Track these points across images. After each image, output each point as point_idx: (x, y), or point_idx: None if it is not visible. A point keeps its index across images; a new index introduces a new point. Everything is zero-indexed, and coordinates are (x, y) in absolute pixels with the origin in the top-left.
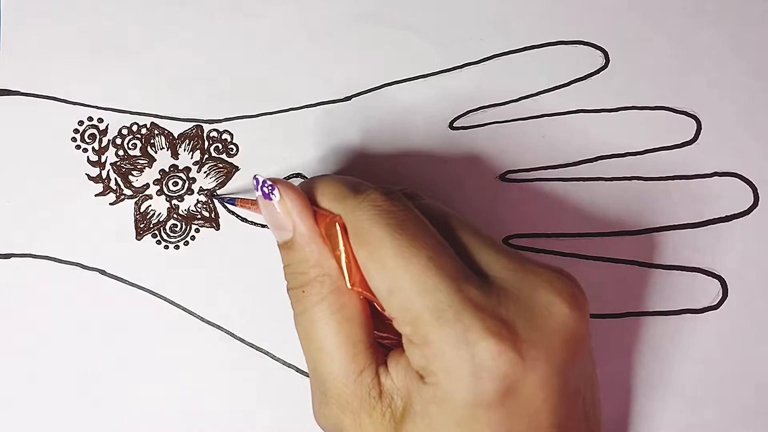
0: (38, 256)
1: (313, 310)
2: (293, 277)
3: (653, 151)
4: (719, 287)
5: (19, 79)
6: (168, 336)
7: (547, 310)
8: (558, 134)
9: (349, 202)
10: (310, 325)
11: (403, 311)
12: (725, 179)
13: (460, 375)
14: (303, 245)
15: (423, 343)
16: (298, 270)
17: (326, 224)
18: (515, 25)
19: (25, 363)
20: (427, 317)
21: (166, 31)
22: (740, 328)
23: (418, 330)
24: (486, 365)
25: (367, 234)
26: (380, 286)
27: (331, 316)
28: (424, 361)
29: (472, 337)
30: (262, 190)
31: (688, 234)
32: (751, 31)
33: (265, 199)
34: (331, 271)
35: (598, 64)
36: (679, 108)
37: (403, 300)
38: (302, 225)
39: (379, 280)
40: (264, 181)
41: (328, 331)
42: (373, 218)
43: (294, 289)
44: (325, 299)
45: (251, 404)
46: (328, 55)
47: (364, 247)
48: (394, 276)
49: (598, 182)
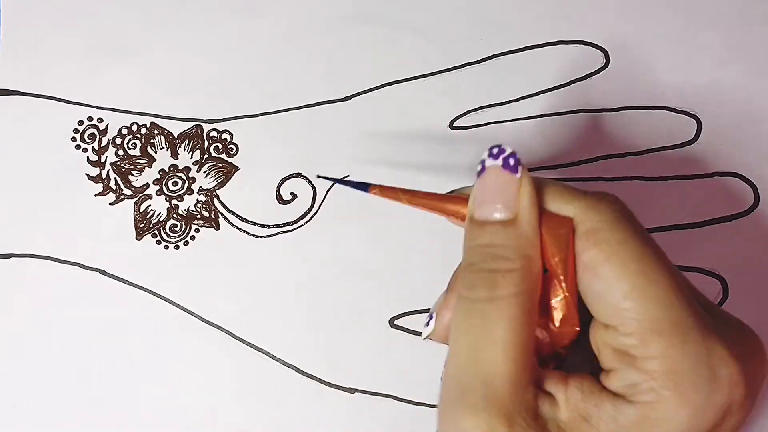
0: (38, 256)
1: (506, 300)
2: (491, 257)
3: (653, 151)
4: (719, 287)
5: (19, 79)
6: (168, 336)
7: (758, 357)
8: (558, 134)
9: (581, 201)
10: (495, 315)
11: (635, 319)
12: (725, 179)
13: (693, 397)
14: (523, 232)
15: (650, 356)
16: (503, 254)
17: (552, 225)
18: (515, 25)
19: (25, 363)
20: (668, 330)
21: (166, 31)
22: None
23: (648, 342)
24: (723, 392)
25: (607, 233)
26: (613, 289)
27: (521, 315)
28: (642, 377)
29: (716, 361)
30: (506, 160)
31: (688, 234)
32: (751, 31)
33: (504, 170)
34: (535, 270)
35: (598, 64)
36: (679, 108)
37: (639, 307)
38: (533, 213)
39: (614, 282)
40: (512, 152)
41: (513, 328)
42: (615, 219)
43: (486, 271)
44: (522, 295)
45: (251, 404)
46: (328, 55)
47: (601, 247)
48: (636, 281)
49: (598, 182)
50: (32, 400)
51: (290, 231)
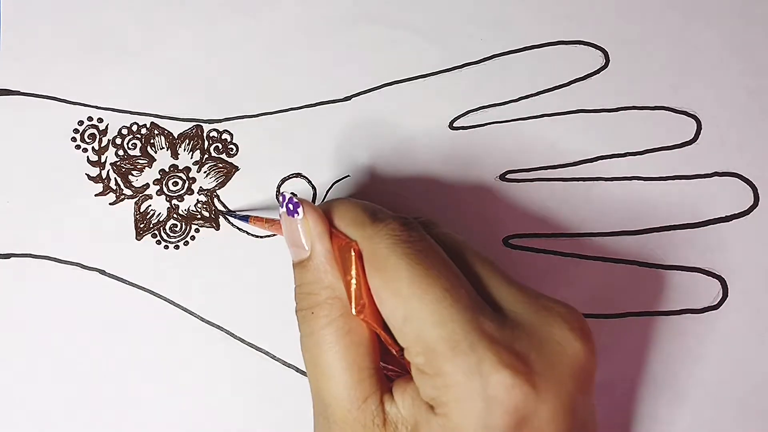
0: (38, 256)
1: (321, 332)
2: (303, 297)
3: (653, 151)
4: (719, 287)
5: (19, 79)
6: (168, 336)
7: (559, 345)
8: (558, 134)
9: (367, 229)
10: (317, 348)
11: (417, 341)
12: (725, 179)
13: (472, 406)
14: (318, 266)
15: (435, 373)
16: (310, 291)
17: (341, 247)
18: (515, 25)
19: (25, 363)
20: (442, 348)
21: (166, 31)
22: (740, 328)
23: (431, 360)
24: (499, 397)
25: (383, 261)
26: (394, 314)
27: (338, 340)
28: (436, 392)
29: (486, 369)
30: (287, 206)
31: (688, 234)
32: (751, 31)
33: (288, 216)
34: (342, 295)
35: (598, 64)
36: (679, 108)
37: (417, 329)
38: (320, 246)
39: (393, 308)
40: (290, 198)
41: (335, 355)
42: (390, 247)
43: (303, 310)
44: (334, 322)
45: (251, 404)
46: (328, 55)
47: (379, 275)
48: (409, 305)
49: (598, 182)
50: (32, 400)
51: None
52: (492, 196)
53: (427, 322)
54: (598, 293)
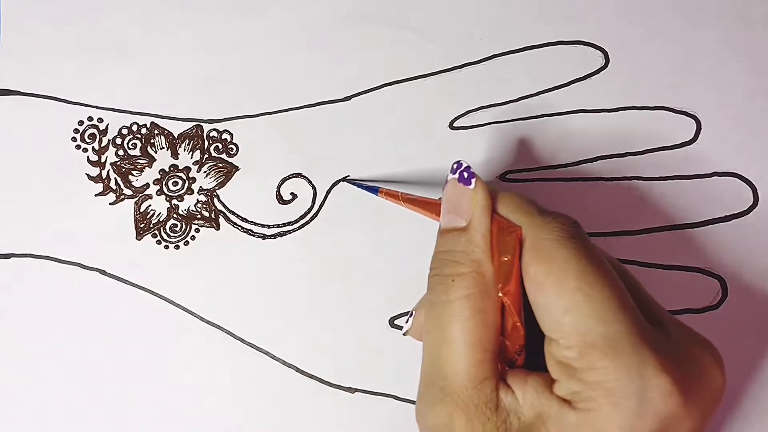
0: (38, 256)
1: (457, 303)
2: (446, 263)
3: (653, 151)
4: (719, 287)
5: (19, 79)
6: (168, 336)
7: (706, 370)
8: (558, 134)
9: (535, 218)
10: (448, 317)
11: (574, 334)
12: (725, 179)
13: (625, 405)
14: (472, 238)
15: (588, 368)
16: (455, 258)
17: (501, 230)
18: (515, 25)
19: (25, 363)
20: (602, 344)
21: (166, 31)
22: (740, 328)
23: (585, 355)
24: (654, 401)
25: (552, 252)
26: (555, 305)
27: (472, 315)
28: (582, 387)
29: (648, 372)
30: (461, 174)
31: (688, 234)
32: (751, 31)
33: (459, 182)
34: (486, 272)
35: (598, 64)
36: (679, 108)
37: (577, 323)
38: (482, 220)
39: (555, 297)
40: (467, 167)
41: (465, 329)
42: (560, 240)
43: (442, 276)
44: (472, 296)
45: (251, 404)
46: (328, 55)
47: (545, 264)
48: (574, 298)
49: (598, 182)
50: (32, 400)
51: (290, 231)
52: None
53: (591, 316)
54: None
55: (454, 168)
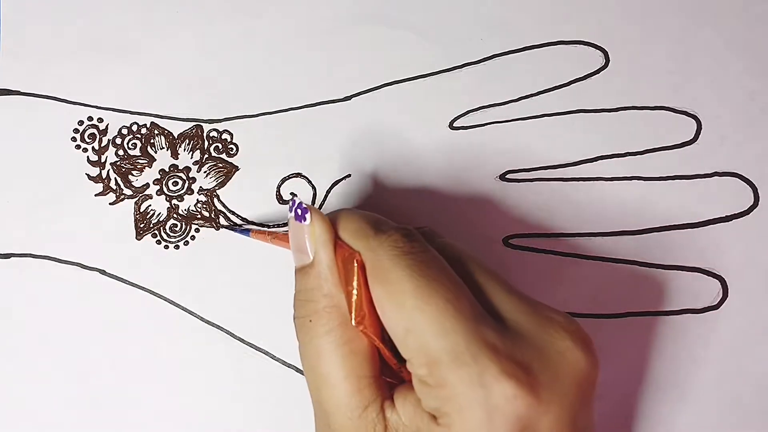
0: (38, 256)
1: (319, 341)
2: (302, 304)
3: (653, 151)
4: (719, 287)
5: (19, 79)
6: (168, 336)
7: (561, 354)
8: (558, 134)
9: (370, 241)
10: (316, 356)
11: (419, 352)
12: (725, 179)
13: (474, 416)
14: (319, 273)
15: (438, 384)
16: (309, 297)
17: (344, 258)
18: (515, 25)
19: (25, 363)
20: (444, 359)
21: (166, 31)
22: (740, 328)
23: (433, 371)
24: (501, 407)
25: (386, 273)
26: (397, 326)
27: (336, 349)
28: (438, 402)
29: (488, 379)
30: (296, 211)
31: (688, 234)
32: (751, 31)
33: (296, 221)
34: (341, 304)
35: (598, 64)
36: (679, 108)
37: (419, 341)
38: (324, 254)
39: (396, 319)
40: (300, 203)
41: (333, 364)
42: (393, 258)
43: (301, 318)
44: (333, 331)
45: (251, 404)
46: (328, 55)
47: (382, 286)
48: (411, 316)
49: (598, 182)
50: (32, 400)
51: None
52: (492, 196)
53: (429, 333)
54: (598, 293)
55: (290, 206)
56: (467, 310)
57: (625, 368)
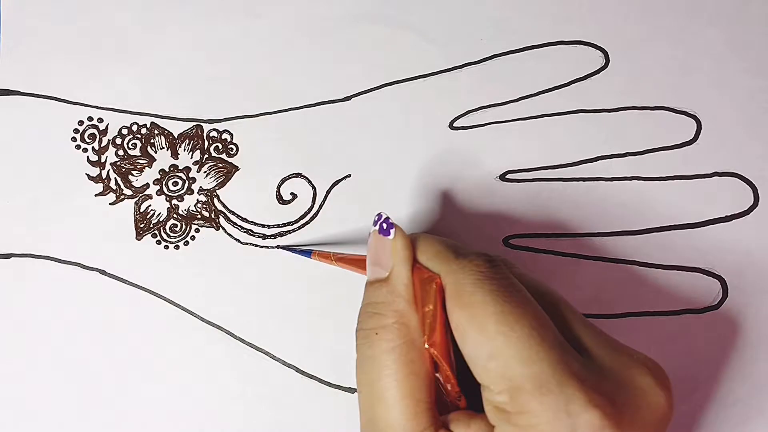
0: (38, 256)
1: (383, 357)
2: (370, 316)
3: (653, 151)
4: (719, 287)
5: (19, 79)
6: (168, 336)
7: (643, 392)
8: (558, 134)
9: (452, 264)
10: (376, 372)
11: (501, 379)
12: (725, 179)
13: None
14: (394, 289)
15: (519, 411)
16: (378, 311)
17: (423, 279)
18: (515, 25)
19: (25, 363)
20: (528, 386)
21: (166, 31)
22: (740, 328)
23: (515, 398)
24: None
25: (469, 297)
26: (479, 351)
27: (399, 368)
28: (517, 430)
29: (575, 408)
30: (381, 225)
31: (688, 234)
32: (751, 31)
33: (379, 234)
34: (409, 323)
35: (598, 64)
36: (679, 108)
37: (502, 367)
38: (402, 270)
39: (478, 344)
40: (387, 218)
41: (394, 382)
42: (476, 282)
43: (366, 330)
44: (397, 348)
45: (251, 404)
46: (328, 55)
47: (465, 310)
48: (495, 342)
49: (598, 182)
50: (32, 400)
51: (290, 231)
52: (492, 196)
53: (513, 359)
54: (598, 293)
55: (375, 220)
56: (552, 339)
57: None
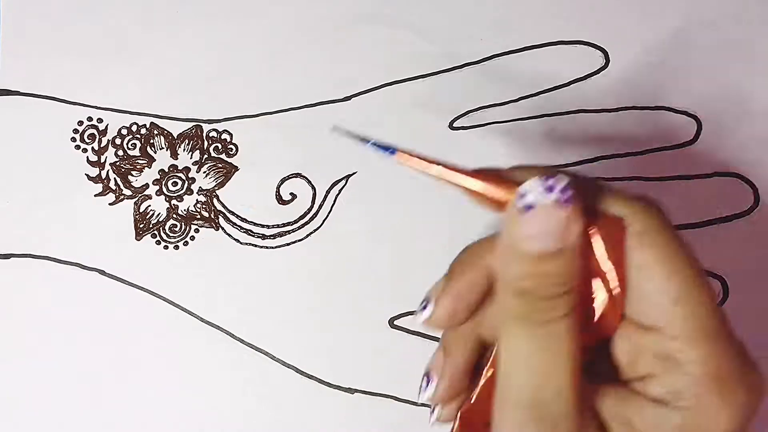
0: (38, 256)
1: (562, 322)
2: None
3: (653, 151)
4: (719, 287)
5: (19, 79)
6: (168, 336)
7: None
8: (558, 134)
9: (633, 205)
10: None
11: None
12: (725, 179)
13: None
14: (572, 259)
15: (695, 360)
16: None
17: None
18: (515, 25)
19: (25, 363)
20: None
21: (166, 31)
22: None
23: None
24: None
25: (657, 237)
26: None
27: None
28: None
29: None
30: (559, 194)
31: (688, 234)
32: (750, 31)
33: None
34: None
35: (598, 64)
36: (679, 108)
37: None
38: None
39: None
40: (566, 186)
41: (575, 346)
42: (664, 224)
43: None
44: (572, 314)
45: (251, 404)
46: (328, 55)
47: (652, 249)
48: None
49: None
50: (32, 400)
51: (290, 231)
52: None
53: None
54: None
55: (550, 186)
56: None
57: None
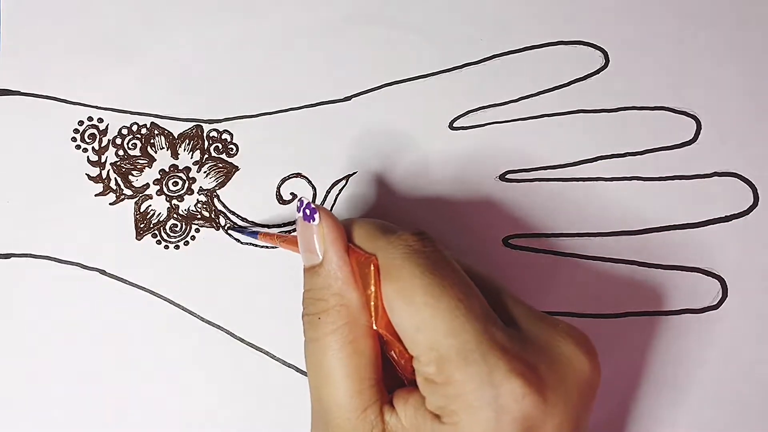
0: (38, 256)
1: (326, 338)
2: (311, 302)
3: (653, 151)
4: (719, 287)
5: (19, 79)
6: (168, 336)
7: (568, 360)
8: (558, 134)
9: (381, 241)
10: (321, 354)
11: (429, 350)
12: (725, 179)
13: (482, 415)
14: (329, 272)
15: (445, 382)
16: (318, 296)
17: (360, 263)
18: (515, 25)
19: (25, 363)
20: (453, 357)
21: (166, 31)
22: (740, 328)
23: (442, 369)
24: (509, 407)
25: (398, 271)
26: (407, 323)
27: (342, 348)
28: (445, 401)
29: (497, 378)
30: (304, 212)
31: (688, 234)
32: (750, 31)
33: (304, 221)
34: (350, 303)
35: (598, 64)
36: (679, 108)
37: (429, 339)
38: (333, 252)
39: (406, 317)
40: (308, 204)
41: (338, 362)
42: (404, 256)
43: (310, 315)
44: (340, 330)
45: (251, 404)
46: (328, 55)
47: (393, 284)
48: (421, 314)
49: (598, 182)
50: (32, 400)
51: (290, 231)
52: (492, 196)
53: (439, 331)
54: (598, 293)
55: (298, 206)
56: (477, 309)
57: (624, 368)
